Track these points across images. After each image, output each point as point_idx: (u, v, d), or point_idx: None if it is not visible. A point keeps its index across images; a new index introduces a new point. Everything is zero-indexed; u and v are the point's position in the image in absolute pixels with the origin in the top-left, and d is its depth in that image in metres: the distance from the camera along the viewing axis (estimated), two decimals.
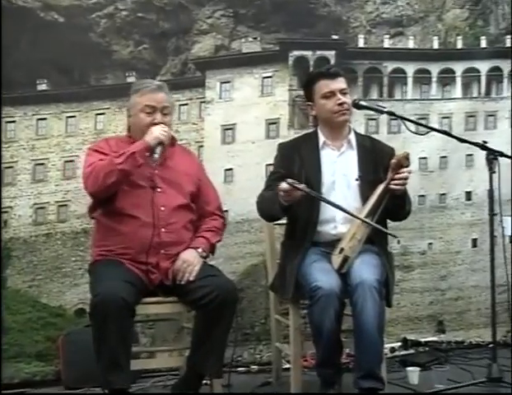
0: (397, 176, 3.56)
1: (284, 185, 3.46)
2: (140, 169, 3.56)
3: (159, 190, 3.64)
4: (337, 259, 3.59)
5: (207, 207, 3.81)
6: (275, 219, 3.82)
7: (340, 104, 3.75)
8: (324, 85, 3.77)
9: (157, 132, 3.57)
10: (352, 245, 3.58)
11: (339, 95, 3.75)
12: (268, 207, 3.68)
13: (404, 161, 3.56)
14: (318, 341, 3.51)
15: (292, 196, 3.48)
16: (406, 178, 3.56)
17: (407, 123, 3.79)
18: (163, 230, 3.60)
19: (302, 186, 3.45)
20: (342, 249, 3.58)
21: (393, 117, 3.81)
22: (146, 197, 3.60)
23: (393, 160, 3.56)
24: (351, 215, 3.54)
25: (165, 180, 3.67)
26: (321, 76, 3.81)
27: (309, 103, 3.84)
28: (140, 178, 3.60)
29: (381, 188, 3.61)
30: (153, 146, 3.55)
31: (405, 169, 3.56)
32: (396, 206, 3.67)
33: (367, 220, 3.54)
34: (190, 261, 3.57)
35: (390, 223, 3.83)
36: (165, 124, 3.63)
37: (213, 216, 3.83)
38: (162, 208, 3.61)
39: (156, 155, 3.55)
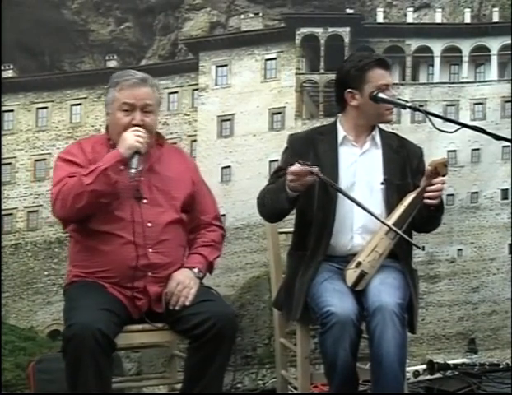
0: (432, 187, 3.53)
1: (295, 167, 3.42)
2: (120, 178, 3.44)
3: (144, 201, 3.56)
4: (352, 274, 3.55)
5: (202, 217, 3.73)
6: (278, 214, 3.71)
7: None
8: (381, 76, 3.72)
9: (131, 140, 3.44)
10: (372, 260, 3.54)
11: (393, 91, 3.73)
12: (272, 199, 3.62)
13: (442, 169, 3.52)
14: (332, 374, 3.48)
15: (302, 181, 3.44)
16: (442, 189, 3.53)
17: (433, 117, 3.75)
18: (150, 250, 3.53)
19: (316, 169, 3.40)
20: (359, 263, 3.54)
21: (417, 111, 3.77)
22: (129, 211, 3.51)
23: (429, 167, 3.53)
24: (377, 218, 3.49)
25: (152, 189, 3.58)
26: (378, 63, 3.74)
27: (352, 90, 3.75)
28: (122, 187, 3.49)
29: (411, 197, 3.58)
30: (128, 158, 3.43)
31: (440, 179, 3.53)
32: (428, 218, 3.65)
33: (395, 228, 3.49)
34: (185, 282, 3.51)
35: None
36: (145, 125, 3.52)
37: (210, 228, 3.75)
38: (149, 224, 3.53)
39: (133, 170, 3.41)
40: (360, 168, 3.74)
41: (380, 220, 3.52)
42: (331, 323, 3.38)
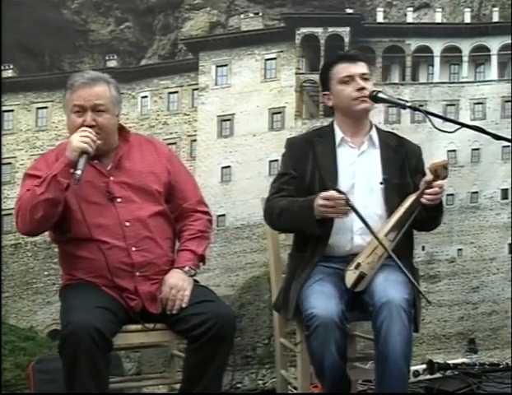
0: (431, 190, 3.53)
1: (330, 193, 3.44)
2: (88, 180, 3.43)
3: (118, 201, 3.52)
4: (351, 275, 3.56)
5: (185, 205, 3.68)
6: (297, 232, 3.75)
7: (359, 90, 3.70)
8: (343, 69, 3.74)
9: (75, 142, 3.39)
10: (371, 261, 3.55)
11: (359, 80, 3.71)
12: (297, 221, 3.61)
13: (442, 171, 3.52)
14: (321, 376, 3.50)
15: (338, 210, 3.47)
16: (441, 192, 3.53)
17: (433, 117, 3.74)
18: (133, 249, 3.49)
19: (351, 202, 3.44)
20: (358, 264, 3.55)
21: (417, 111, 3.75)
22: (105, 214, 3.48)
23: (429, 169, 3.53)
24: (379, 241, 3.51)
25: (124, 187, 3.54)
26: (339, 59, 3.78)
27: (326, 92, 3.78)
28: (93, 192, 3.48)
29: (411, 199, 3.59)
30: (75, 160, 3.37)
31: (440, 182, 3.53)
32: (428, 218, 3.66)
33: (389, 245, 3.50)
34: (179, 285, 3.48)
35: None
36: (98, 126, 3.47)
37: (194, 215, 3.68)
38: (127, 224, 3.50)
39: (79, 171, 3.33)
40: (359, 168, 3.74)
41: (382, 245, 3.52)
42: (314, 326, 3.39)
